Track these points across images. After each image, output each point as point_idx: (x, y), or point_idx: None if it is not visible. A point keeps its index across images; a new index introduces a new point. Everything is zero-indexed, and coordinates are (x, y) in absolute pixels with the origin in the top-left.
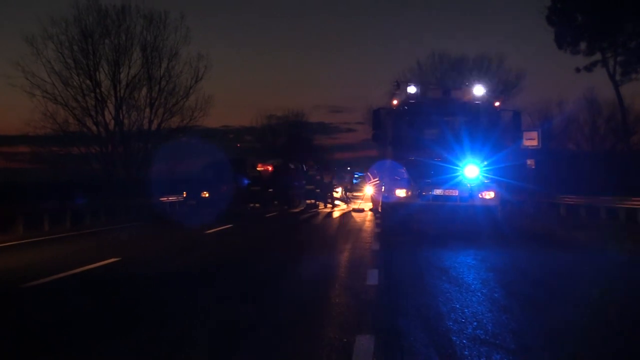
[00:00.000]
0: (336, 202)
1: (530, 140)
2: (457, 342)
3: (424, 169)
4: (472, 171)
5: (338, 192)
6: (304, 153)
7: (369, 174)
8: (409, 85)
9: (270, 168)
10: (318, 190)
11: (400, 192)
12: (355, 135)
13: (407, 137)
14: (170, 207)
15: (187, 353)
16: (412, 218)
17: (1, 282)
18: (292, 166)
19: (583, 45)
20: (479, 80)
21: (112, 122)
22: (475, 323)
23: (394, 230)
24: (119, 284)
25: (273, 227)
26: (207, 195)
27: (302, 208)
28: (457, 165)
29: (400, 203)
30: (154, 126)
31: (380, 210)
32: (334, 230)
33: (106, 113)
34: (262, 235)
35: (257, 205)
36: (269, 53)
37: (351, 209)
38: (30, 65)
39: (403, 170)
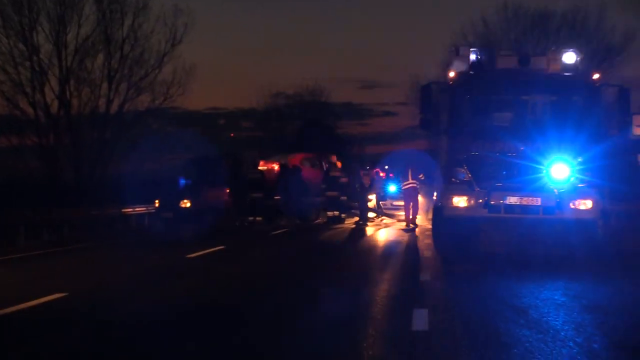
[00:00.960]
0: (370, 213)
1: None
2: None
3: (493, 167)
4: (560, 171)
5: (371, 199)
6: (325, 146)
7: (410, 173)
8: (472, 52)
9: (276, 167)
10: (344, 198)
11: (459, 201)
12: (394, 121)
13: (468, 122)
14: (137, 222)
15: None
16: (475, 237)
17: None
18: (307, 164)
19: None
20: (570, 44)
21: (56, 102)
22: None
23: (450, 253)
24: (58, 333)
25: (281, 250)
26: (188, 204)
27: (322, 222)
28: (540, 163)
29: (459, 216)
30: (114, 108)
31: (431, 225)
32: (366, 254)
33: (47, 90)
34: (265, 261)
35: (258, 218)
36: (275, 8)
37: (393, 222)
38: None
39: (463, 169)
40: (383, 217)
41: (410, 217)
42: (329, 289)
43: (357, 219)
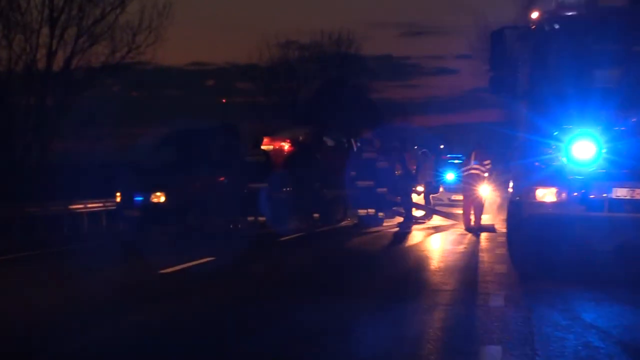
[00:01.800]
0: (417, 212)
1: None
2: None
3: (594, 147)
4: None
5: (420, 192)
6: (354, 116)
7: (473, 154)
8: None
9: (286, 146)
10: (382, 190)
11: (546, 194)
12: (452, 82)
13: (558, 83)
14: (91, 223)
15: None
16: (567, 244)
17: None
18: (329, 142)
19: None
20: None
21: None
22: None
23: (531, 268)
24: None
25: (291, 266)
26: (162, 198)
27: (351, 224)
28: None
29: (545, 215)
30: (59, 63)
31: (505, 228)
32: (412, 269)
33: None
34: (269, 281)
35: (261, 219)
36: None
37: (451, 224)
38: None
39: (550, 149)
40: (437, 217)
41: (473, 217)
42: (362, 314)
43: (400, 219)
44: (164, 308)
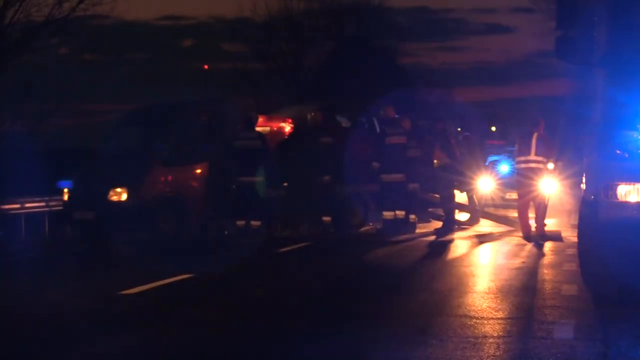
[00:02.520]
0: (460, 214)
1: None
2: None
3: None
4: None
5: (465, 189)
6: (378, 88)
7: (534, 140)
8: None
9: (287, 127)
10: (414, 186)
11: (630, 191)
12: (508, 43)
13: None
14: (29, 227)
15: None
16: None
17: None
18: (343, 122)
19: None
20: None
21: None
22: None
23: (612, 288)
24: None
25: (294, 284)
26: (124, 196)
27: (373, 230)
28: None
29: (630, 218)
30: None
31: (577, 236)
32: (454, 287)
33: None
34: (265, 303)
35: (255, 223)
36: None
37: (506, 230)
38: None
39: (635, 133)
40: (486, 222)
41: (534, 222)
42: (381, 356)
43: (438, 224)
44: (123, 341)
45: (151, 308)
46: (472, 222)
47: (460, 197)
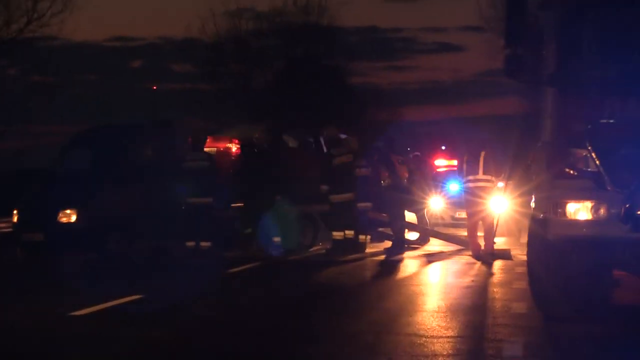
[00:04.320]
0: (410, 234)
1: None
2: None
3: None
4: None
5: (414, 209)
6: (326, 109)
7: (482, 159)
8: None
9: (234, 148)
10: (363, 206)
11: (579, 209)
12: (458, 62)
13: (596, 61)
14: None
15: None
16: (606, 274)
17: None
18: (292, 142)
19: None
20: None
21: None
22: None
23: (559, 304)
24: None
25: (242, 304)
26: (73, 217)
27: (322, 250)
28: None
29: (579, 236)
30: None
31: (526, 254)
32: (403, 306)
33: None
34: (214, 323)
35: (204, 244)
36: None
37: (455, 249)
38: None
39: (585, 151)
40: (436, 241)
41: (483, 241)
42: None
43: (388, 244)
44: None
45: (102, 329)
46: (421, 241)
47: (410, 216)
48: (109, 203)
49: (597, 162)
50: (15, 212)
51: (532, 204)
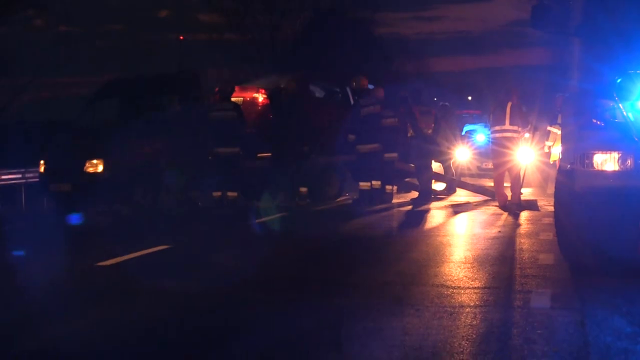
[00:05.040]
0: (437, 184)
1: None
2: None
3: None
4: None
5: (441, 159)
6: (353, 60)
7: (508, 109)
8: None
9: (262, 98)
10: (391, 156)
11: (606, 160)
12: (484, 12)
13: (623, 15)
14: (3, 199)
15: None
16: (633, 225)
17: None
18: (318, 93)
19: None
20: None
21: None
22: None
23: (589, 258)
24: None
25: (270, 254)
26: (100, 167)
27: (349, 200)
28: None
29: (606, 187)
30: None
31: (553, 205)
32: (430, 257)
33: None
34: (242, 274)
35: (231, 194)
36: None
37: (482, 200)
38: None
39: (613, 102)
40: (463, 192)
41: (509, 192)
42: (359, 326)
43: (414, 194)
44: (98, 312)
45: (128, 279)
46: (448, 191)
47: (437, 166)
48: (136, 154)
49: (624, 113)
50: (42, 162)
51: (559, 155)
